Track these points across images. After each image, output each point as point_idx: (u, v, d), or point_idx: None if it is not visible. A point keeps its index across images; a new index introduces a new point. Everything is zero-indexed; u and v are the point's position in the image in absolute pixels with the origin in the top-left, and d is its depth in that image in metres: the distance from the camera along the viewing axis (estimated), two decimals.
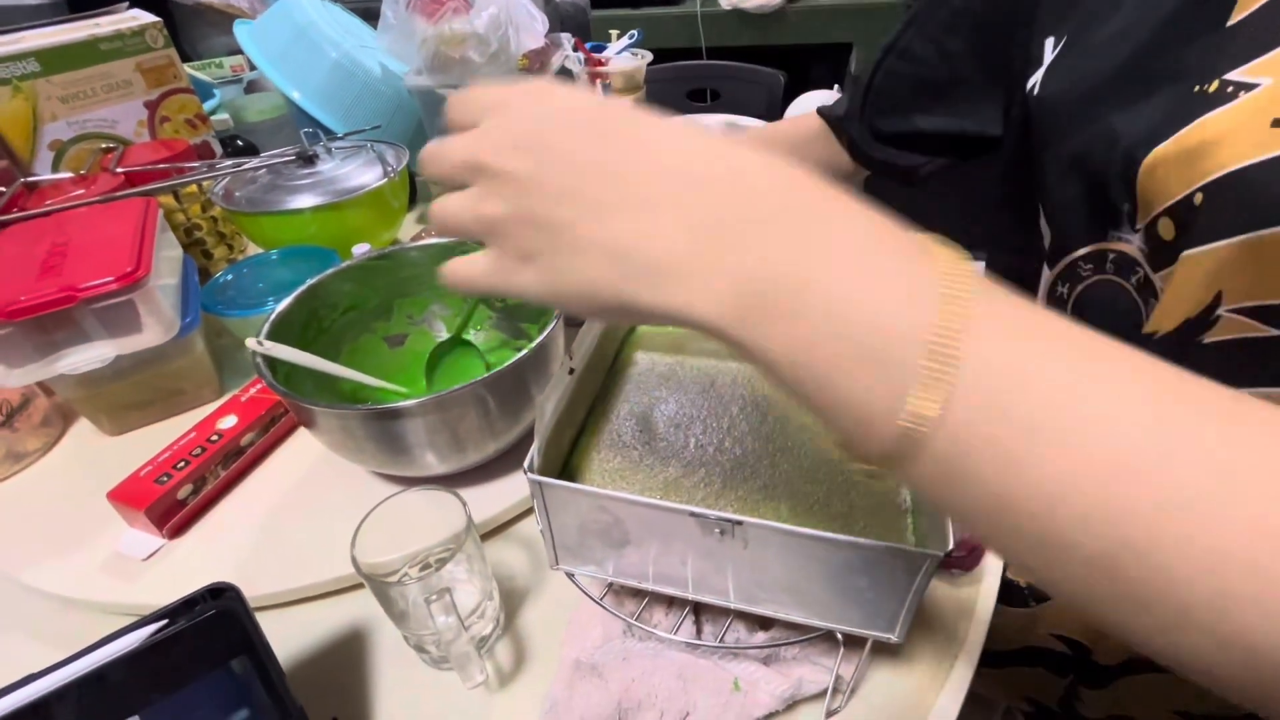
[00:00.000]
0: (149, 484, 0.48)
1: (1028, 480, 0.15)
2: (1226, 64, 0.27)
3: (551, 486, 0.31)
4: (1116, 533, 0.15)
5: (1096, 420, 0.15)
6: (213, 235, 0.78)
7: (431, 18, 0.88)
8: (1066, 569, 0.16)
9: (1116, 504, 0.15)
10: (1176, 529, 0.14)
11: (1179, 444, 0.15)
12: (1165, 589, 0.14)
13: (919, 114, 0.52)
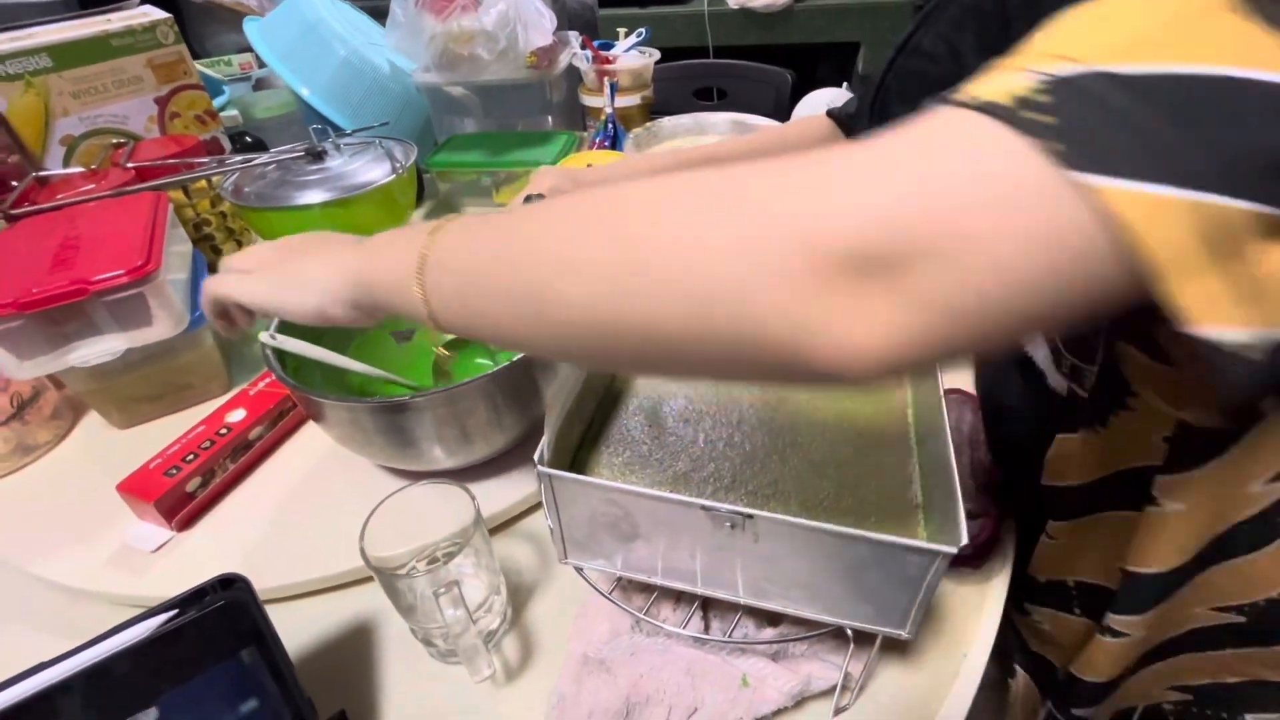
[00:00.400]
0: (158, 476, 0.48)
1: (472, 260, 0.28)
2: None
3: (562, 479, 0.31)
4: (510, 270, 0.25)
5: (491, 226, 0.28)
6: (221, 230, 0.78)
7: (440, 15, 0.88)
8: (494, 302, 0.27)
9: (508, 254, 0.26)
10: (528, 261, 0.25)
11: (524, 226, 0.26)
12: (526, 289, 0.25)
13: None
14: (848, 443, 0.39)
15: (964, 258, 0.17)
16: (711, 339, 0.21)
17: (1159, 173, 0.16)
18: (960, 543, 0.26)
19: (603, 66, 1.01)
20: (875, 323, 0.18)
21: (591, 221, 0.24)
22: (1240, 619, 0.34)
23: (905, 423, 0.40)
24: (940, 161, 0.18)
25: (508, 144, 0.93)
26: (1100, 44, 0.18)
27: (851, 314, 0.18)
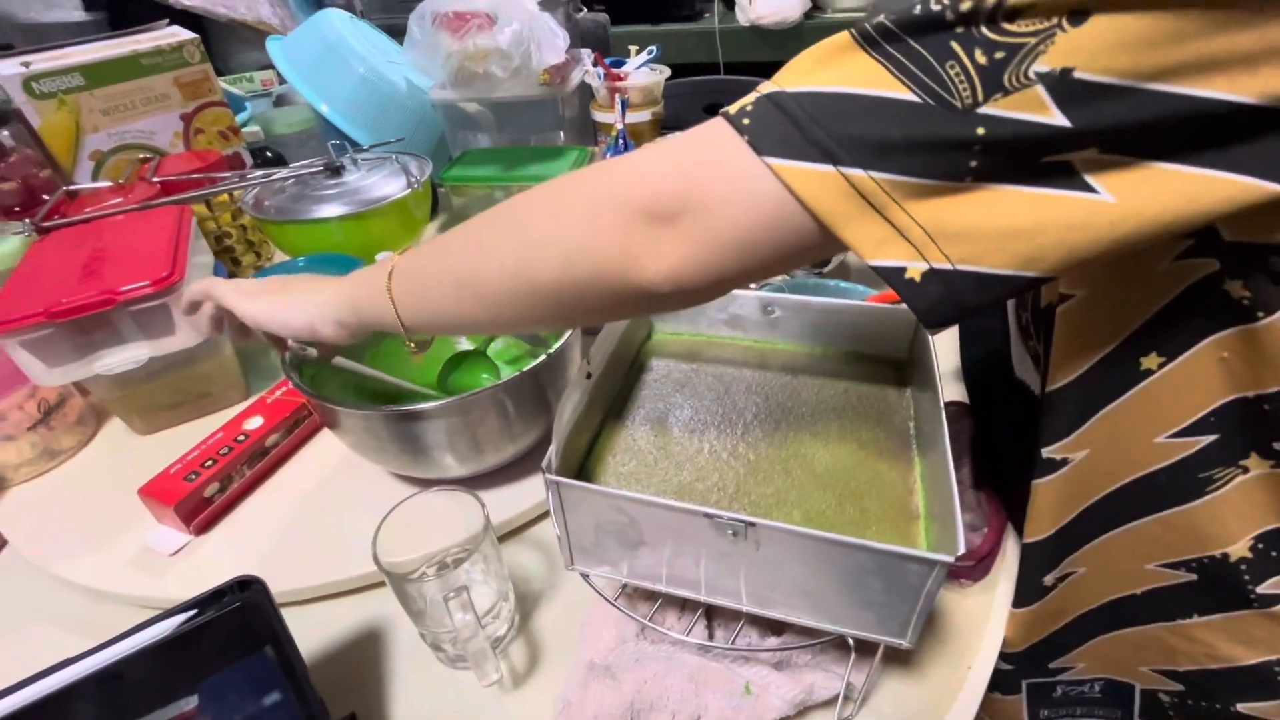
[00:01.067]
0: (178, 481, 0.49)
1: (424, 267, 0.37)
2: None
3: (569, 487, 0.32)
4: (467, 263, 0.34)
5: (448, 242, 0.36)
6: (241, 243, 0.80)
7: (457, 34, 0.90)
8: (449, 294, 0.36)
9: (447, 256, 0.36)
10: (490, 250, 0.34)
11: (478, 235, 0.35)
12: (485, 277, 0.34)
13: None
14: (850, 454, 0.39)
15: (708, 212, 0.27)
16: (579, 283, 0.30)
17: (811, 154, 0.24)
18: (957, 552, 0.27)
19: (614, 83, 1.03)
20: (666, 255, 0.28)
21: (501, 219, 0.34)
22: (1191, 576, 0.36)
23: (907, 435, 0.41)
24: (695, 149, 0.27)
25: (520, 159, 0.95)
26: (789, 73, 0.26)
27: (652, 250, 0.28)
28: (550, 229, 0.31)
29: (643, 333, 0.48)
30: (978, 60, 0.22)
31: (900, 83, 0.23)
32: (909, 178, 0.24)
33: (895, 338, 0.44)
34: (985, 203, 0.23)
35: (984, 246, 0.24)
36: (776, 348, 0.46)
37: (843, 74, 0.24)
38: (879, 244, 0.25)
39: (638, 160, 0.29)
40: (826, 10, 1.70)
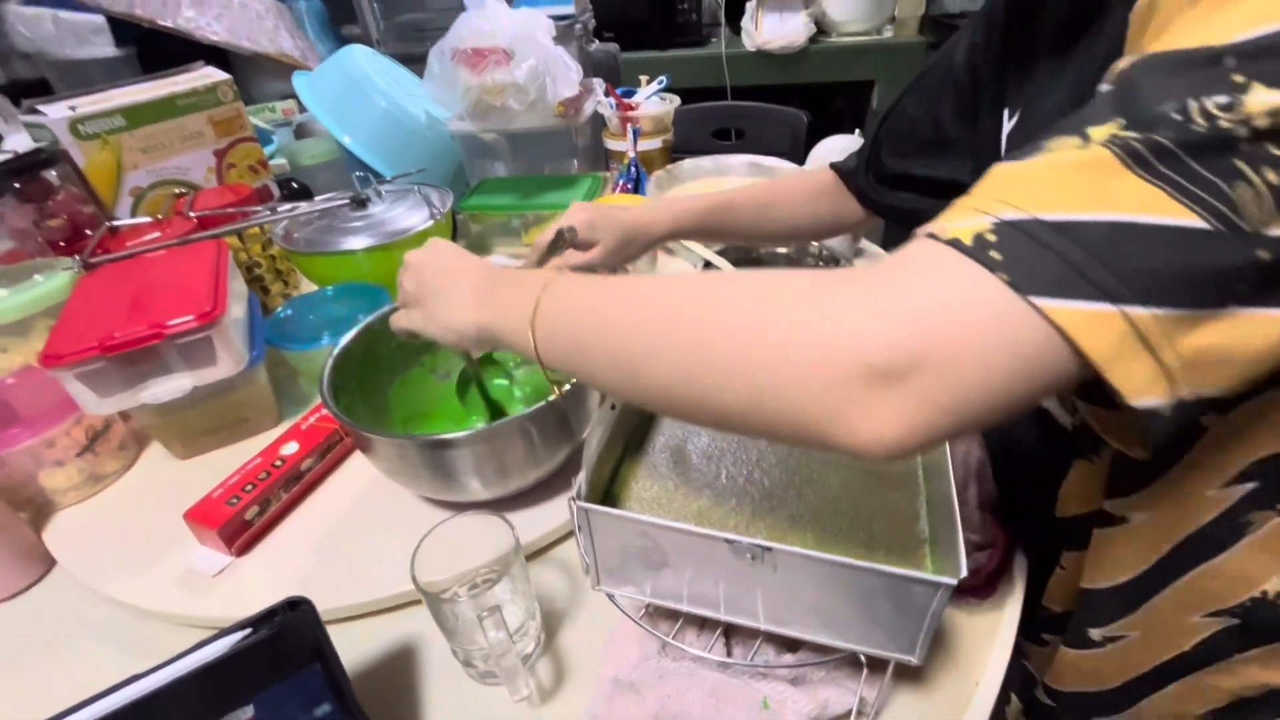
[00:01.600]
0: (221, 505, 0.52)
1: (576, 325, 0.34)
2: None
3: (598, 514, 0.35)
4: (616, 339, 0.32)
5: (607, 290, 0.34)
6: (270, 272, 0.84)
7: (475, 69, 0.94)
8: (600, 361, 0.33)
9: (607, 327, 0.32)
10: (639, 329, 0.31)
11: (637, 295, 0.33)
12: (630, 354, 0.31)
13: (916, 163, 0.58)
14: (859, 479, 0.41)
15: (950, 366, 0.22)
16: (761, 422, 0.27)
17: (1088, 292, 0.22)
18: (960, 575, 0.29)
19: (626, 113, 1.06)
20: (884, 419, 0.23)
21: (673, 317, 0.30)
22: (1235, 621, 0.37)
23: (914, 460, 0.43)
24: (926, 291, 0.23)
25: (536, 187, 0.98)
26: (1029, 196, 0.23)
27: (867, 413, 0.23)
28: (739, 357, 0.27)
29: None
30: (1269, 180, 0.21)
31: (1186, 208, 0.21)
32: (1181, 310, 0.22)
33: None
34: (1235, 328, 0.22)
35: (1223, 373, 0.23)
36: None
37: (1112, 199, 0.22)
38: (1146, 385, 0.22)
39: (856, 303, 0.24)
40: (831, 34, 1.74)
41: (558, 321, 0.34)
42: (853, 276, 0.26)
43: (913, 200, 0.60)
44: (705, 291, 0.30)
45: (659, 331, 0.30)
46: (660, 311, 0.30)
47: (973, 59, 0.51)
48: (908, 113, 0.58)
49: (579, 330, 0.34)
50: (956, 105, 0.53)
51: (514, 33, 0.91)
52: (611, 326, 0.32)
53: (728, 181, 1.03)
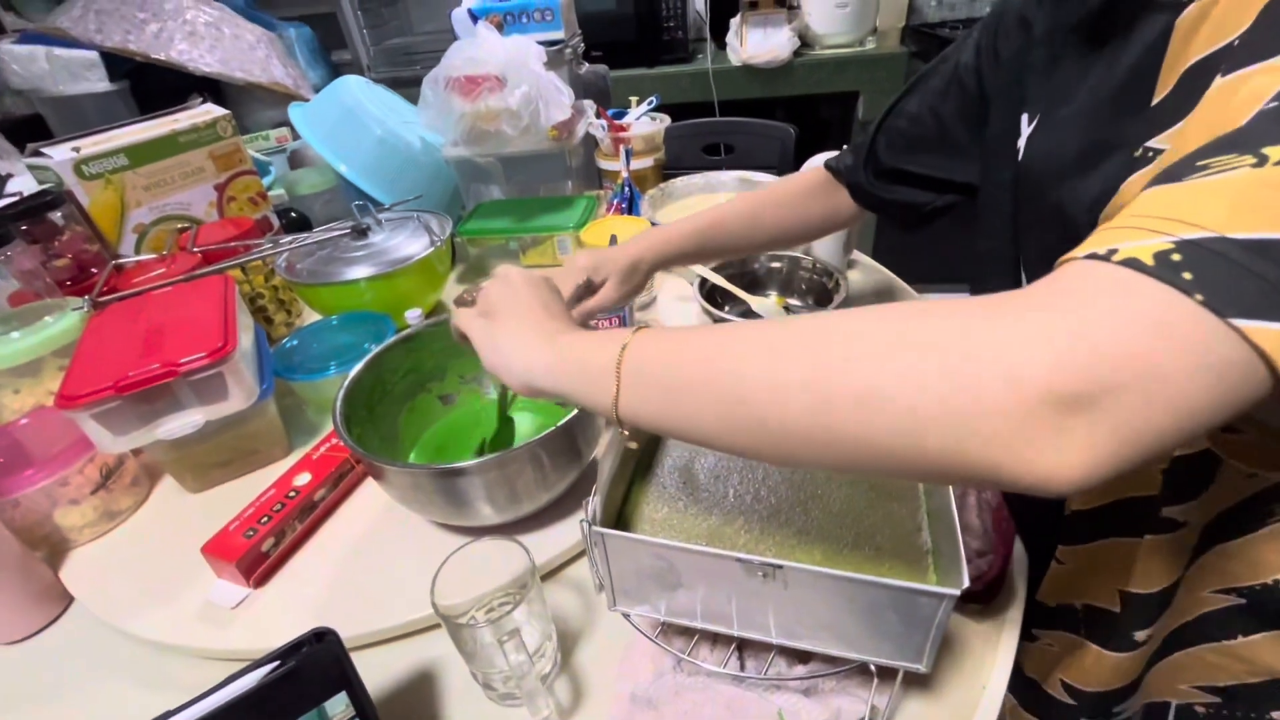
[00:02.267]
0: (238, 538, 0.53)
1: (675, 374, 0.31)
2: (1154, 133, 0.34)
3: (613, 538, 0.36)
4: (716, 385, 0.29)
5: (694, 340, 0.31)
6: (274, 303, 0.85)
7: (468, 96, 0.96)
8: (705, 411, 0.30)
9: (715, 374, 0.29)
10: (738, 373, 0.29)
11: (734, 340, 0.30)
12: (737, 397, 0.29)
13: (916, 160, 0.60)
14: (862, 495, 0.43)
15: (1143, 392, 0.21)
16: (920, 458, 0.24)
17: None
18: (963, 585, 0.31)
19: (618, 134, 1.08)
20: (1071, 451, 0.22)
21: (802, 351, 0.27)
22: (1241, 600, 0.38)
23: None
24: (1111, 314, 0.22)
25: (532, 209, 1.00)
26: (1211, 215, 0.22)
27: (1051, 445, 0.22)
28: (892, 381, 0.24)
29: None
30: None
31: None
32: None
33: None
34: None
35: None
36: None
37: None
38: None
39: (1032, 328, 0.23)
40: (815, 47, 1.78)
41: (648, 364, 0.32)
42: (1007, 304, 0.24)
43: (910, 194, 0.61)
44: (833, 325, 0.28)
45: (785, 367, 0.27)
46: (783, 348, 0.28)
47: (980, 61, 0.52)
48: (909, 110, 0.59)
49: (676, 373, 0.31)
50: (960, 106, 0.54)
51: (506, 60, 0.93)
52: (722, 366, 0.29)
53: (720, 198, 1.05)
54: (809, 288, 0.86)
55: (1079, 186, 0.39)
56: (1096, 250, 0.23)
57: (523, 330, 0.38)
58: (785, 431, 0.27)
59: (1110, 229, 0.24)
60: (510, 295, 0.41)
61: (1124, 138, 0.36)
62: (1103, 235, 0.24)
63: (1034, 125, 0.45)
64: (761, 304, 0.85)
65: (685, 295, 0.87)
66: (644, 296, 0.87)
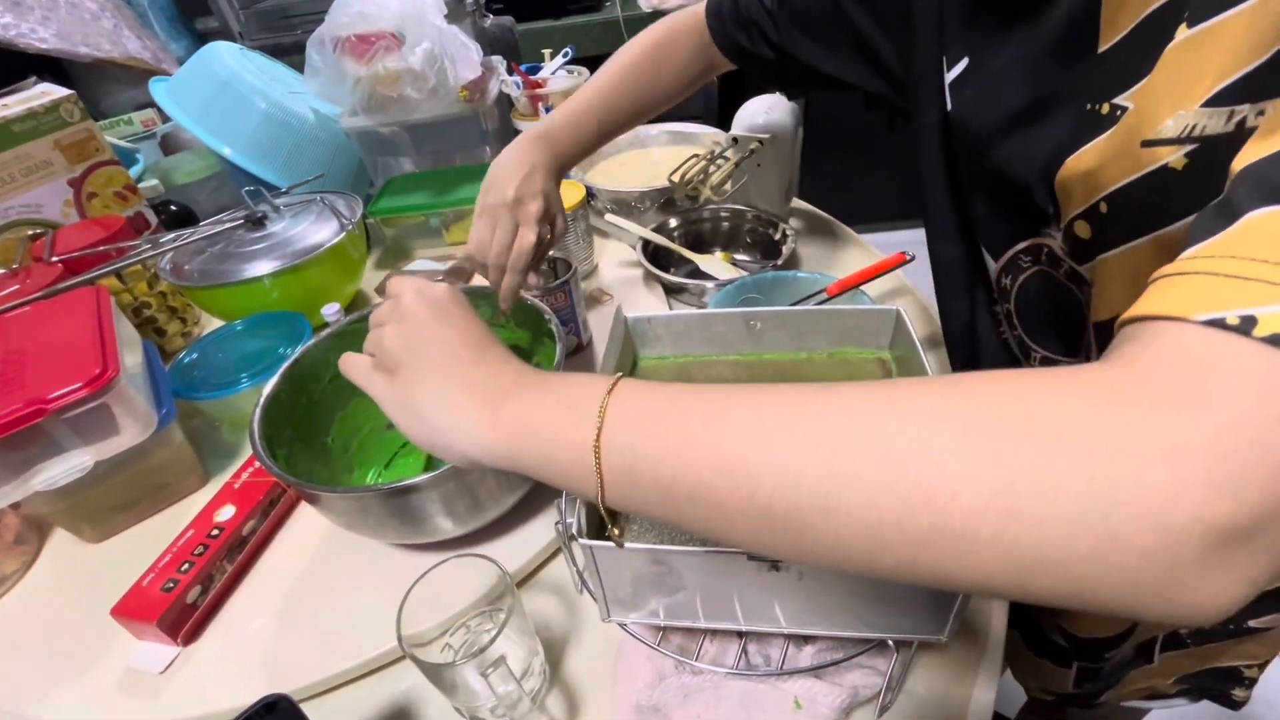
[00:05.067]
0: (155, 593, 0.46)
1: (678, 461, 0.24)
2: (1113, 89, 0.31)
3: (606, 549, 0.32)
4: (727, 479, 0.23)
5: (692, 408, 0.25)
6: (164, 311, 0.74)
7: (362, 58, 0.85)
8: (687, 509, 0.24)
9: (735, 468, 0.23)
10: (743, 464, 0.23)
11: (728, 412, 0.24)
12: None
13: (801, 47, 0.54)
14: None
15: None
16: (1030, 591, 0.20)
17: None
18: None
19: (534, 91, 1.00)
20: (1226, 585, 0.18)
21: (865, 453, 0.21)
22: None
23: None
24: (1253, 416, 0.18)
25: (450, 181, 0.91)
26: None
27: (1204, 582, 0.18)
28: (994, 520, 0.19)
29: (628, 361, 0.48)
30: None
31: None
32: None
33: (876, 334, 0.45)
34: None
35: None
36: (764, 359, 0.47)
37: None
38: None
39: (1159, 441, 0.18)
40: None
41: (641, 451, 0.25)
42: (1120, 401, 0.19)
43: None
44: (889, 425, 0.21)
45: (840, 492, 0.21)
46: (836, 446, 0.21)
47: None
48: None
49: (681, 469, 0.24)
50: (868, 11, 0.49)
51: (401, 14, 0.83)
52: (747, 466, 0.22)
53: (653, 153, 0.99)
54: (755, 240, 0.83)
55: (1025, 145, 0.36)
56: (1223, 315, 0.18)
57: (448, 390, 0.30)
58: (844, 552, 0.22)
59: (1225, 275, 0.19)
60: (416, 337, 0.32)
61: (1069, 90, 0.33)
62: (1216, 286, 0.19)
63: (959, 73, 0.41)
64: (708, 262, 0.81)
65: (628, 260, 0.82)
66: (585, 264, 0.81)
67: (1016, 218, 0.39)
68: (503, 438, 0.28)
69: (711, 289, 0.71)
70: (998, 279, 0.42)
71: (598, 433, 0.25)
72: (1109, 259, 0.33)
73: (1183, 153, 0.27)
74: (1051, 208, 0.35)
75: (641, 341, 0.48)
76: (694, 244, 0.82)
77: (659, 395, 0.26)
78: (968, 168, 0.42)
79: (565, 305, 0.63)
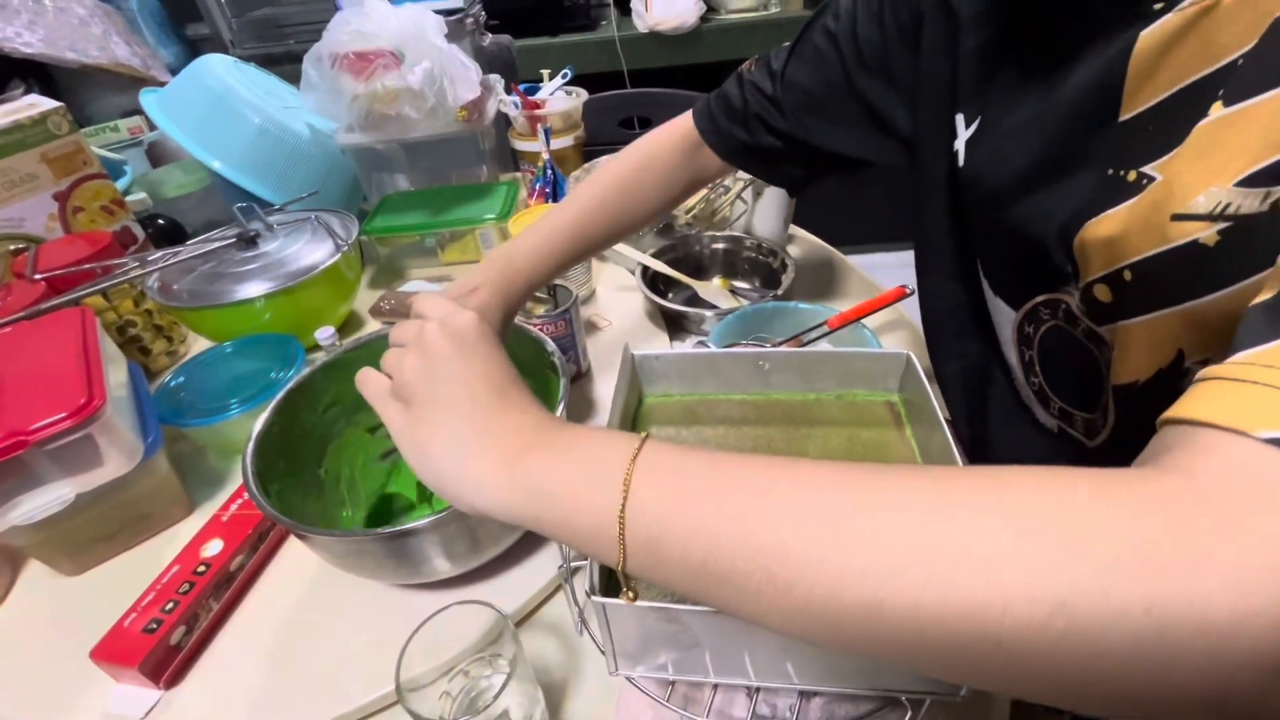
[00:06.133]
0: (136, 635, 0.44)
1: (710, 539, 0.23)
2: (1139, 158, 0.30)
3: (619, 607, 0.31)
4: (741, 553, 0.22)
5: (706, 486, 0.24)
6: (149, 330, 0.72)
7: (360, 76, 0.84)
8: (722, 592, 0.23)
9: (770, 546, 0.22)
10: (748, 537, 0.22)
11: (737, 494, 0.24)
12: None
13: (805, 129, 0.53)
14: None
15: None
16: (1084, 703, 0.19)
17: None
18: None
19: (533, 112, 1.00)
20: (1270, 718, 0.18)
21: (912, 558, 0.20)
22: None
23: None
24: None
25: (446, 200, 0.91)
26: None
27: (1253, 713, 0.18)
28: (1050, 643, 0.18)
29: (634, 398, 0.47)
30: None
31: None
32: None
33: (885, 377, 0.45)
34: None
35: None
36: (771, 399, 0.46)
37: None
38: None
39: (1223, 572, 0.17)
40: (720, 11, 1.73)
41: (670, 526, 0.23)
42: (1171, 522, 0.18)
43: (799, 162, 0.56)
44: (948, 518, 0.20)
45: (887, 576, 0.20)
46: (884, 545, 0.20)
47: (883, 38, 0.46)
48: (795, 77, 0.52)
49: (715, 550, 0.23)
50: (860, 78, 0.49)
51: (401, 33, 0.83)
52: (788, 556, 0.21)
53: None
54: (753, 268, 0.83)
55: (1042, 205, 0.36)
56: (1273, 434, 0.18)
57: (463, 438, 0.29)
58: (883, 651, 0.21)
59: (1267, 385, 0.19)
60: (436, 373, 0.30)
61: (1088, 154, 0.33)
62: (1276, 399, 0.19)
63: (974, 130, 0.41)
64: (707, 289, 0.81)
65: (627, 285, 0.81)
66: (583, 290, 0.81)
67: (1034, 273, 0.38)
68: (519, 498, 0.27)
69: (711, 318, 0.71)
70: (1019, 326, 0.42)
71: (623, 502, 0.24)
72: (1131, 325, 0.32)
73: (1215, 230, 0.27)
74: (1070, 267, 0.35)
75: (648, 379, 0.48)
76: (693, 270, 0.82)
77: (692, 465, 0.25)
78: (982, 224, 0.42)
79: (565, 333, 0.62)
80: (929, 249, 0.48)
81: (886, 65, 0.47)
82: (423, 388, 0.31)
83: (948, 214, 0.45)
